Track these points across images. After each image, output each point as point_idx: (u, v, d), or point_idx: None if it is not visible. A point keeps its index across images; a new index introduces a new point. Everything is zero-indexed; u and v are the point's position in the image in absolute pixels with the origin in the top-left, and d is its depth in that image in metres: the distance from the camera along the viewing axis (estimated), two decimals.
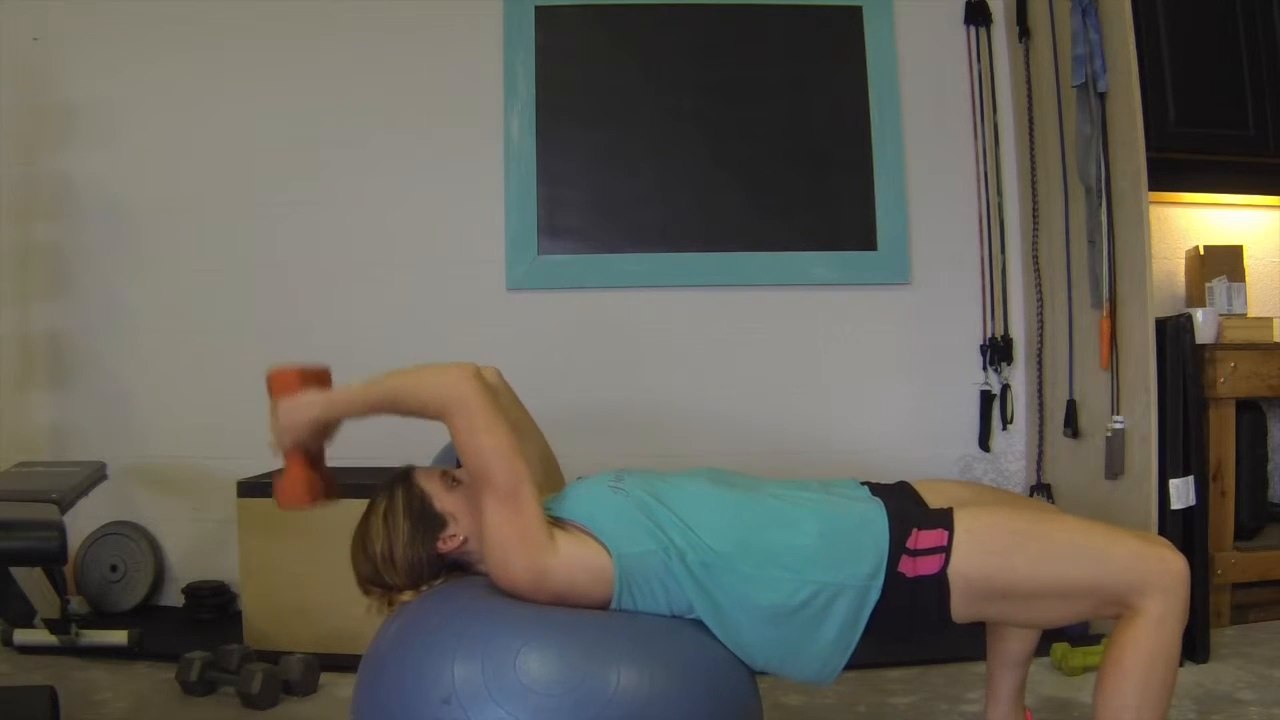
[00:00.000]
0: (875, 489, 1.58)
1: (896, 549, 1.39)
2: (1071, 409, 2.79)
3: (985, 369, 3.12)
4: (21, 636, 2.51)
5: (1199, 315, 2.68)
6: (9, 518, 1.80)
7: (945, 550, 1.37)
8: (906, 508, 1.49)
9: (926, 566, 1.37)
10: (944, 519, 1.41)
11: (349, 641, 2.20)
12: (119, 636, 2.49)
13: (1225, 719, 2.04)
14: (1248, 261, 3.05)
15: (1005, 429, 3.12)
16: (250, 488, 2.56)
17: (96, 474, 2.54)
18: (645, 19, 3.12)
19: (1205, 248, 3.05)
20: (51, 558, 1.79)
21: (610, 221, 3.09)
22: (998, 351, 3.10)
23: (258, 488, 2.55)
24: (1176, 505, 2.37)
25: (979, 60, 3.16)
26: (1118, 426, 2.51)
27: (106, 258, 3.08)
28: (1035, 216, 3.03)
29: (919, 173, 3.13)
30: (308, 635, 2.44)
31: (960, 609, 1.38)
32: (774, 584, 1.39)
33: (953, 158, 3.15)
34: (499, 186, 3.08)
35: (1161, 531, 2.35)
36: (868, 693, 2.23)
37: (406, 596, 1.49)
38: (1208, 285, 2.98)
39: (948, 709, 2.14)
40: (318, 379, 1.56)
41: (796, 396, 3.10)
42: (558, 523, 1.46)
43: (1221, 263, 3.01)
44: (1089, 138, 2.56)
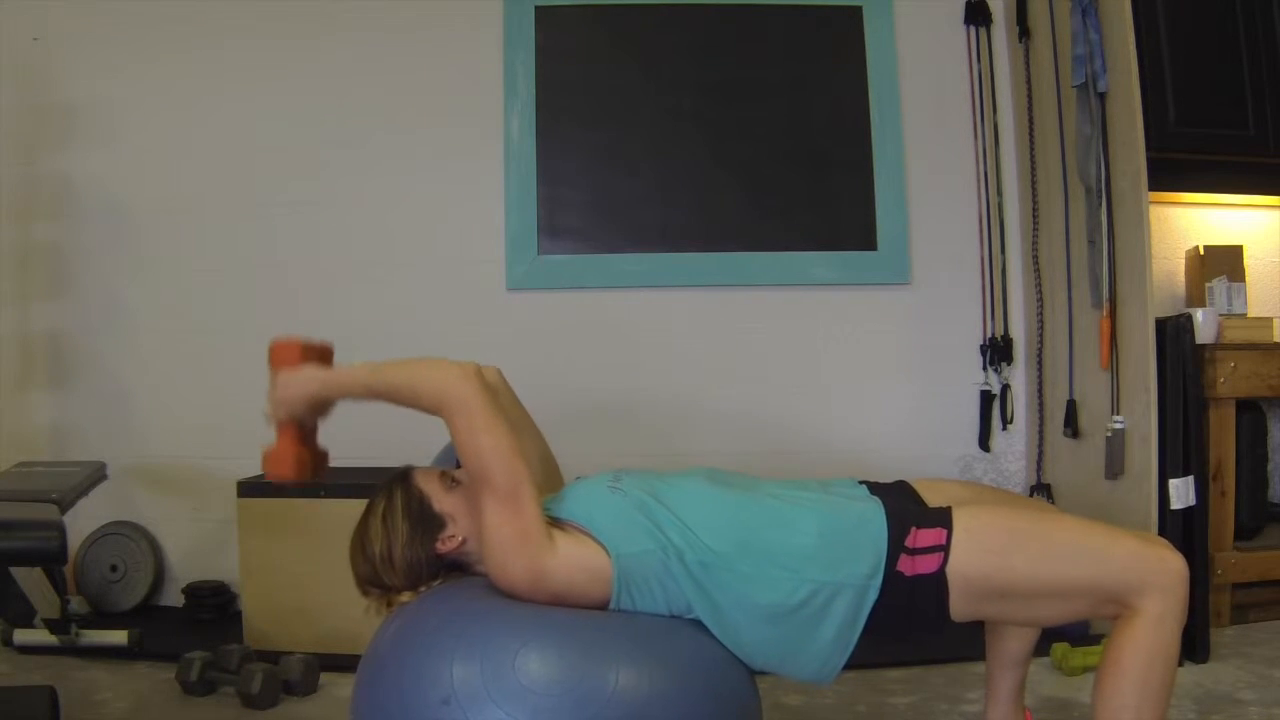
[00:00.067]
0: (874, 488, 1.58)
1: (895, 548, 1.39)
2: (1071, 409, 2.79)
3: (985, 369, 3.12)
4: (21, 636, 2.51)
5: (1199, 315, 2.68)
6: (9, 518, 1.80)
7: (944, 549, 1.37)
8: (905, 506, 1.49)
9: (925, 565, 1.37)
10: (943, 518, 1.41)
11: (349, 641, 2.20)
12: (119, 636, 2.49)
13: (1225, 719, 2.04)
14: (1248, 261, 3.05)
15: (1005, 429, 3.12)
16: (250, 488, 2.57)
17: (96, 474, 2.54)
18: (645, 19, 3.12)
19: (1205, 248, 3.05)
20: (51, 558, 1.79)
21: (610, 221, 3.09)
22: (998, 351, 3.10)
23: (258, 488, 2.55)
24: (1176, 505, 2.37)
25: (979, 60, 3.16)
26: (1118, 426, 2.51)
27: (106, 258, 3.08)
28: (1035, 216, 3.03)
29: (919, 173, 3.13)
30: (308, 635, 2.45)
31: (959, 608, 1.38)
32: (772, 583, 1.39)
33: (953, 158, 3.15)
34: (499, 186, 3.08)
35: (1161, 531, 2.35)
36: (867, 693, 2.23)
37: (405, 597, 1.49)
38: (1208, 285, 2.98)
39: (947, 709, 2.14)
40: (320, 354, 1.57)
41: (796, 396, 3.10)
42: (556, 523, 1.46)
43: (1221, 263, 3.01)
44: (1089, 138, 2.56)
